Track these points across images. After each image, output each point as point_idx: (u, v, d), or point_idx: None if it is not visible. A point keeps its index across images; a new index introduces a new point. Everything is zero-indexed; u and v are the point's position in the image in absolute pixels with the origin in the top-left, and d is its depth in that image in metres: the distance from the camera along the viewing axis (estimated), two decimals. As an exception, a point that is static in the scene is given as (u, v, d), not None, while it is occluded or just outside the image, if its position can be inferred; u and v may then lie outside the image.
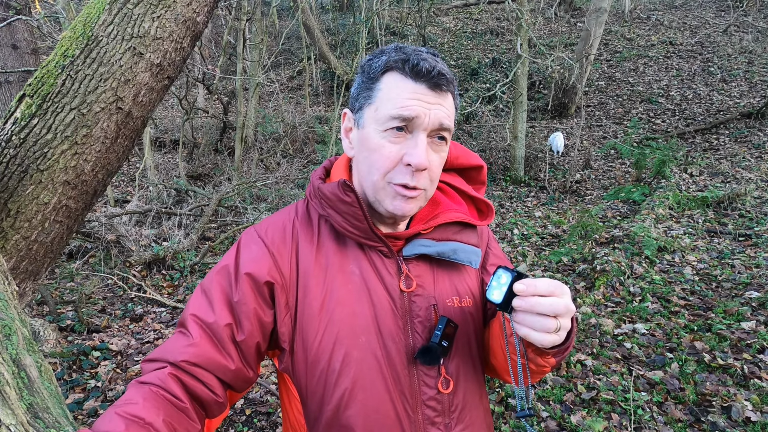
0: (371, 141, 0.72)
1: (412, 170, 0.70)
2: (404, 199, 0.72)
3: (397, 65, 0.70)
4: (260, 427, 2.47)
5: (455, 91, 0.75)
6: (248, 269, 0.73)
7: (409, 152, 0.69)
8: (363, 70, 0.75)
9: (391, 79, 0.71)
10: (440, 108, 0.70)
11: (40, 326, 3.03)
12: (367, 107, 0.74)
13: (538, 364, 0.70)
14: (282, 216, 0.81)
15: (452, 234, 0.80)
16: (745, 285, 3.44)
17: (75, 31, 1.34)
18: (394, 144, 0.70)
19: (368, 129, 0.73)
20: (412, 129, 0.70)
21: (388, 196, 0.72)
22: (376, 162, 0.72)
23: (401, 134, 0.70)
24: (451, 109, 0.73)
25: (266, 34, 8.39)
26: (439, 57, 0.74)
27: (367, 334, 0.73)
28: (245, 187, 5.74)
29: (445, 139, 0.73)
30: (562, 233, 5.06)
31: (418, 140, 0.70)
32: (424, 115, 0.69)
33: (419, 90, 0.69)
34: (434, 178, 0.74)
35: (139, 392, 0.64)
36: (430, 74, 0.69)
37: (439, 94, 0.70)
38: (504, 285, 0.62)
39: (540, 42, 7.79)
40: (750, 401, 2.28)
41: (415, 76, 0.69)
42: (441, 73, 0.69)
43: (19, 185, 1.28)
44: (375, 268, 0.76)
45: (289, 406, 0.81)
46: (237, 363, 0.72)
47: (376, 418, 0.72)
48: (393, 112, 0.69)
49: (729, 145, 6.91)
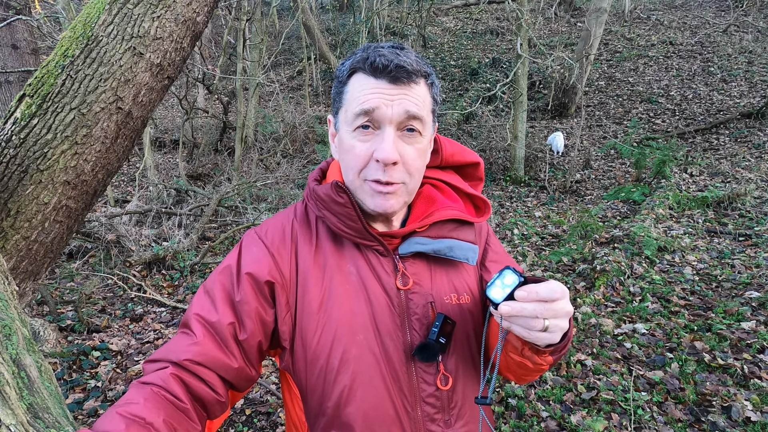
0: (344, 142, 0.74)
1: (382, 165, 0.70)
2: (382, 196, 0.72)
3: (359, 65, 0.72)
4: (260, 427, 2.47)
5: (429, 80, 0.74)
6: (249, 269, 0.75)
7: (377, 147, 0.70)
8: (335, 75, 0.77)
9: (356, 80, 0.72)
10: (404, 97, 0.70)
11: (40, 326, 3.03)
12: (340, 111, 0.75)
13: (536, 362, 0.70)
14: (281, 217, 0.83)
15: (448, 231, 0.80)
16: (745, 285, 3.44)
17: (75, 31, 1.34)
18: (363, 142, 0.72)
19: (342, 131, 0.75)
20: (378, 125, 0.71)
21: (367, 194, 0.74)
22: (350, 162, 0.73)
23: (369, 132, 0.71)
24: (420, 99, 0.72)
25: (266, 34, 8.39)
26: (407, 50, 0.73)
27: (364, 332, 0.74)
28: (245, 187, 5.74)
29: (415, 129, 0.72)
30: (562, 233, 5.06)
31: (385, 135, 0.70)
32: (386, 107, 0.69)
33: (380, 85, 0.70)
34: (412, 171, 0.74)
35: (141, 392, 0.64)
36: (387, 68, 0.69)
37: (402, 87, 0.70)
38: (508, 287, 0.62)
39: (540, 42, 7.80)
40: (750, 401, 2.28)
41: (375, 72, 0.70)
42: (399, 66, 0.69)
43: (19, 185, 1.28)
44: (372, 266, 0.77)
45: (291, 403, 0.82)
46: (240, 361, 0.72)
47: (375, 416, 0.73)
48: (356, 109, 0.70)
49: (729, 145, 6.91)
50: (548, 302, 0.60)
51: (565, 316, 0.61)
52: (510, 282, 0.62)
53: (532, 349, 0.68)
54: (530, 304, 0.60)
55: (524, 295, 0.60)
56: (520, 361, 0.71)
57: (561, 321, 0.61)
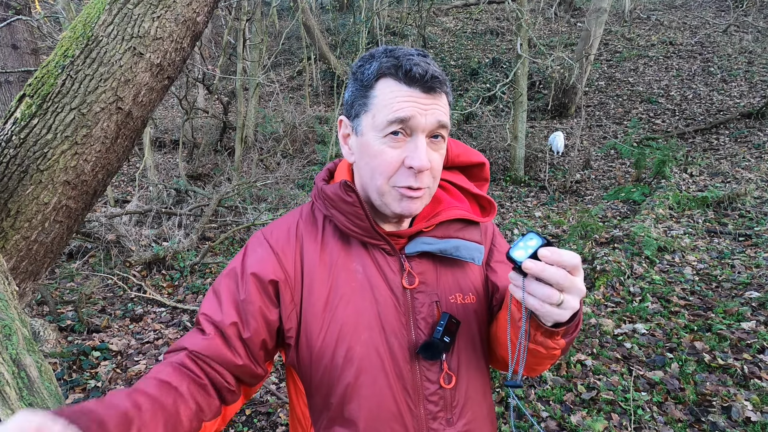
0: (372, 147, 0.74)
1: (414, 172, 0.72)
2: (410, 200, 0.74)
3: (390, 71, 0.72)
4: (260, 427, 2.47)
5: (448, 90, 0.76)
6: (253, 269, 0.77)
7: (410, 155, 0.71)
8: (356, 77, 0.77)
9: (386, 86, 0.72)
10: (436, 107, 0.72)
11: (40, 326, 3.03)
12: (363, 115, 0.75)
13: (548, 347, 0.69)
14: (287, 219, 0.85)
15: (454, 231, 0.81)
16: (745, 285, 3.44)
17: (75, 31, 1.34)
18: (394, 149, 0.72)
19: (367, 136, 0.75)
20: (410, 132, 0.72)
21: (395, 199, 0.74)
22: (378, 167, 0.74)
23: (400, 138, 0.72)
24: (446, 107, 0.75)
25: (266, 34, 8.39)
26: (430, 57, 0.75)
27: (370, 331, 0.75)
28: (245, 187, 5.74)
29: (441, 137, 0.75)
30: (562, 233, 5.06)
31: (417, 143, 0.71)
32: (420, 116, 0.70)
33: (414, 94, 0.71)
34: (436, 175, 0.76)
35: (165, 365, 0.70)
36: (424, 78, 0.70)
37: (434, 96, 0.72)
38: (531, 248, 0.61)
39: (540, 42, 7.79)
40: (750, 401, 2.29)
41: (409, 81, 0.70)
42: (434, 76, 0.70)
43: (19, 185, 1.28)
44: (378, 265, 0.78)
45: (296, 398, 0.83)
46: (244, 359, 0.75)
47: (378, 413, 0.74)
48: (390, 117, 0.71)
49: (729, 145, 6.91)
50: (568, 270, 0.59)
51: (578, 294, 0.61)
52: (533, 244, 0.62)
53: (545, 333, 0.67)
54: (552, 268, 0.59)
55: (548, 254, 0.59)
56: (533, 348, 0.70)
57: (574, 298, 0.61)
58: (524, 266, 0.60)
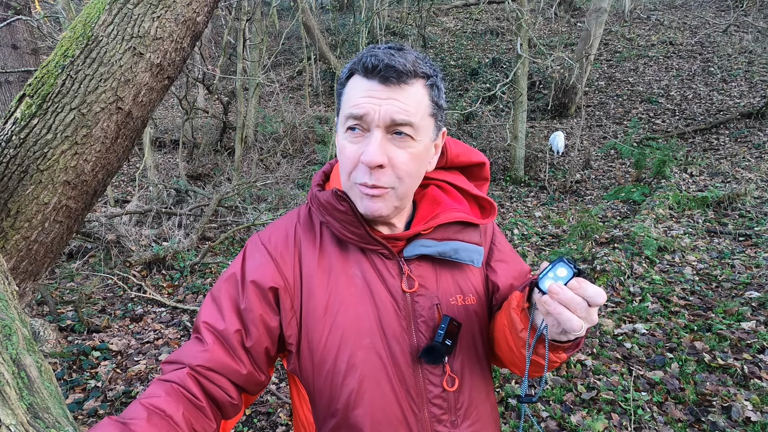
0: (339, 143, 0.75)
1: (368, 169, 0.69)
2: (369, 198, 0.72)
3: (356, 66, 0.71)
4: (260, 427, 2.47)
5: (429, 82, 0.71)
6: (253, 277, 0.75)
7: (364, 150, 0.69)
8: (337, 79, 0.78)
9: (352, 82, 0.72)
10: (392, 102, 0.68)
11: (40, 326, 3.03)
12: (339, 113, 0.76)
13: (550, 360, 0.71)
14: (285, 222, 0.83)
15: (453, 233, 0.80)
16: (745, 285, 3.44)
17: (75, 31, 1.34)
18: (353, 144, 0.71)
19: (338, 133, 0.76)
20: (367, 127, 0.70)
21: (357, 196, 0.74)
22: (342, 163, 0.74)
23: (359, 134, 0.70)
24: (412, 102, 0.69)
25: (266, 34, 8.39)
26: (405, 50, 0.71)
27: (371, 336, 0.74)
28: (245, 187, 5.74)
29: (404, 134, 0.70)
30: (562, 233, 5.06)
31: (372, 138, 0.69)
32: (373, 112, 0.68)
33: (372, 87, 0.69)
34: (402, 175, 0.71)
35: (161, 387, 0.67)
36: (377, 68, 0.67)
37: (392, 88, 0.68)
38: (561, 279, 0.62)
39: (540, 42, 7.79)
40: (750, 401, 2.28)
41: (367, 73, 0.69)
42: (390, 66, 0.67)
43: (19, 185, 1.28)
44: (377, 270, 0.77)
45: (299, 404, 0.83)
46: (248, 367, 0.74)
47: (383, 417, 0.73)
48: (346, 112, 0.71)
49: (729, 145, 6.91)
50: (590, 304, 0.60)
51: (590, 323, 0.62)
52: (563, 275, 0.62)
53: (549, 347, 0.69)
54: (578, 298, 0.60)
55: (577, 286, 0.60)
56: (535, 359, 0.72)
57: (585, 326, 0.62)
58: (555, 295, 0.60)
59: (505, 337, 0.75)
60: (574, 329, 0.60)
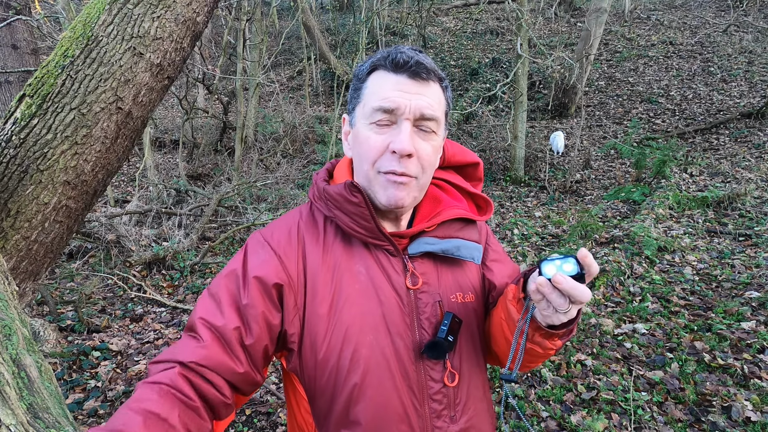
0: (360, 135, 0.76)
1: (398, 157, 0.72)
2: (396, 186, 0.74)
3: (380, 62, 0.75)
4: (260, 427, 2.47)
5: (444, 84, 0.77)
6: (257, 273, 0.74)
7: (393, 139, 0.72)
8: (354, 75, 0.80)
9: (376, 76, 0.76)
10: (421, 97, 0.73)
11: (40, 326, 3.03)
12: (357, 106, 0.78)
13: (545, 347, 0.73)
14: (287, 219, 0.83)
15: (455, 231, 0.82)
16: (745, 285, 3.44)
17: (75, 31, 1.34)
18: (379, 134, 0.74)
19: (358, 125, 0.77)
20: (395, 119, 0.73)
21: (380, 186, 0.75)
22: (365, 153, 0.75)
23: (386, 125, 0.73)
24: (436, 99, 0.75)
25: (266, 34, 8.39)
26: (424, 53, 0.77)
27: (375, 332, 0.75)
28: (245, 187, 5.74)
29: (430, 128, 0.75)
30: (562, 233, 5.06)
31: (401, 128, 0.72)
32: (404, 106, 0.72)
33: (400, 81, 0.73)
34: (426, 166, 0.76)
35: (152, 390, 0.64)
36: (408, 64, 0.72)
37: (420, 83, 0.73)
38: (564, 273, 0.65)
39: (540, 42, 7.79)
40: (750, 401, 2.28)
41: (396, 68, 0.73)
42: (419, 63, 0.72)
43: (19, 185, 1.28)
44: (381, 266, 0.78)
45: (296, 405, 0.82)
46: (245, 366, 0.72)
47: (384, 413, 0.74)
48: (376, 104, 0.73)
49: (729, 145, 6.91)
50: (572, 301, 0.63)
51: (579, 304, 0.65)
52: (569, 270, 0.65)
53: (544, 334, 0.70)
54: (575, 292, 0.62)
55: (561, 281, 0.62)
56: (530, 347, 0.73)
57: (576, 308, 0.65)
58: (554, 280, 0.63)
59: (502, 331, 0.77)
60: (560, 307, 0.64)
